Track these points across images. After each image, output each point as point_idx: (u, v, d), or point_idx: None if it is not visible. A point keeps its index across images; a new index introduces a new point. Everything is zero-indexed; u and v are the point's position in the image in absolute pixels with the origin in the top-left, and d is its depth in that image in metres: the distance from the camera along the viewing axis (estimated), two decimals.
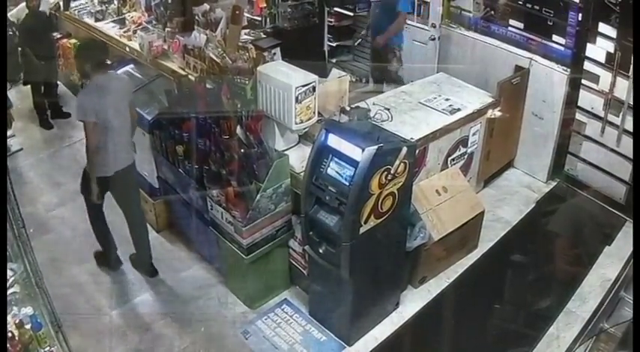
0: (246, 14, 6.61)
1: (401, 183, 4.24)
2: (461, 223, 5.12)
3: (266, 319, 4.90)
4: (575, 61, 5.83)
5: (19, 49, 7.66)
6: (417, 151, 4.63)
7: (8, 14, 7.87)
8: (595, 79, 5.73)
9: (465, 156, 5.71)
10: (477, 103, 5.65)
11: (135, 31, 6.80)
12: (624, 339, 4.27)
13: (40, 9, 7.71)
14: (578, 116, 5.99)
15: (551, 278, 5.23)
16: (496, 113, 5.75)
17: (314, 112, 4.75)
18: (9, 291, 3.70)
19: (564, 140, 6.17)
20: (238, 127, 4.71)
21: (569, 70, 5.85)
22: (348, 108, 5.13)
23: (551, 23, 5.95)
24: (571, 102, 5.96)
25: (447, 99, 5.66)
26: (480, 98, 5.75)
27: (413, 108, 5.53)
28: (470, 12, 6.75)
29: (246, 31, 6.36)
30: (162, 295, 5.16)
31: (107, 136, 4.71)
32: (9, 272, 3.76)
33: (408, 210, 4.61)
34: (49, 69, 7.84)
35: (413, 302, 5.01)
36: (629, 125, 5.53)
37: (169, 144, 5.29)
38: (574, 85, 5.89)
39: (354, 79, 7.19)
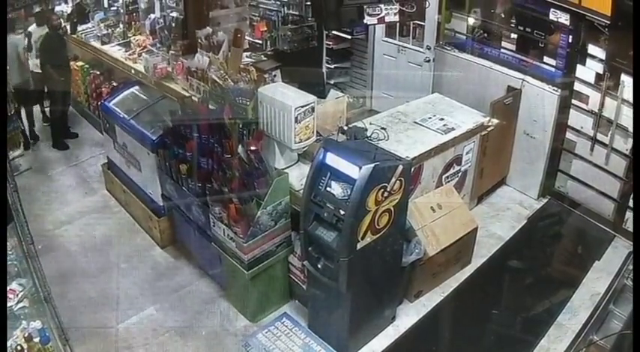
0: (247, 37, 6.75)
1: (397, 200, 4.36)
2: (455, 239, 5.24)
3: (266, 332, 5.00)
4: (565, 81, 5.99)
5: (32, 70, 7.86)
6: (412, 169, 4.75)
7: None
8: (585, 99, 5.90)
9: (459, 174, 5.84)
10: (471, 123, 5.76)
11: (140, 54, 6.94)
12: (614, 351, 4.38)
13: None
14: (569, 135, 6.15)
15: (543, 292, 5.34)
16: (493, 121, 5.86)
17: (313, 132, 4.89)
18: (18, 306, 3.82)
19: (555, 158, 6.33)
20: (240, 146, 4.86)
21: (559, 90, 6.01)
22: (345, 128, 5.26)
23: (542, 45, 6.12)
24: (561, 121, 6.11)
25: (441, 119, 5.78)
26: (474, 118, 5.87)
27: (408, 128, 5.64)
28: (464, 34, 6.94)
29: (248, 53, 6.48)
30: (166, 309, 5.27)
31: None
32: (18, 288, 3.88)
33: (403, 227, 4.72)
34: (67, 88, 8.07)
35: (409, 315, 5.12)
36: (617, 144, 5.70)
37: (173, 163, 5.43)
38: (564, 105, 6.05)
39: (351, 100, 7.32)
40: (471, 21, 6.82)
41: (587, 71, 5.81)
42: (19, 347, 3.55)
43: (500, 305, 5.28)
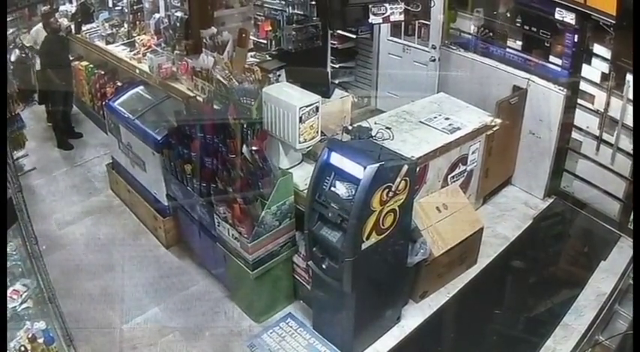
0: (252, 37, 6.77)
1: (402, 200, 4.35)
2: (461, 239, 5.23)
3: (271, 333, 5.00)
4: (571, 81, 5.96)
5: (37, 70, 7.86)
6: (417, 169, 4.74)
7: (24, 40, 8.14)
8: (590, 98, 5.88)
9: (465, 174, 5.82)
10: (476, 122, 5.75)
11: (144, 54, 6.97)
12: (619, 351, 4.37)
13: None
14: (574, 135, 6.13)
15: (548, 292, 5.32)
16: (498, 120, 5.85)
17: (317, 131, 4.89)
18: (22, 306, 3.83)
19: (560, 158, 6.30)
20: (244, 146, 4.86)
21: (565, 90, 5.99)
22: (350, 128, 5.25)
23: (548, 44, 6.10)
24: (567, 121, 6.09)
25: (447, 119, 5.77)
26: (479, 117, 5.85)
27: (414, 127, 5.63)
28: (469, 34, 6.93)
29: (252, 53, 6.51)
30: (170, 309, 5.27)
31: None
32: (22, 288, 3.89)
33: (409, 227, 4.71)
34: (68, 90, 8.06)
35: (414, 316, 5.10)
36: (623, 143, 5.67)
37: (178, 163, 5.43)
38: (570, 105, 6.02)
39: (356, 99, 7.31)
40: (476, 20, 6.79)
41: (593, 71, 5.78)
42: (22, 348, 3.57)
43: (505, 305, 5.27)
